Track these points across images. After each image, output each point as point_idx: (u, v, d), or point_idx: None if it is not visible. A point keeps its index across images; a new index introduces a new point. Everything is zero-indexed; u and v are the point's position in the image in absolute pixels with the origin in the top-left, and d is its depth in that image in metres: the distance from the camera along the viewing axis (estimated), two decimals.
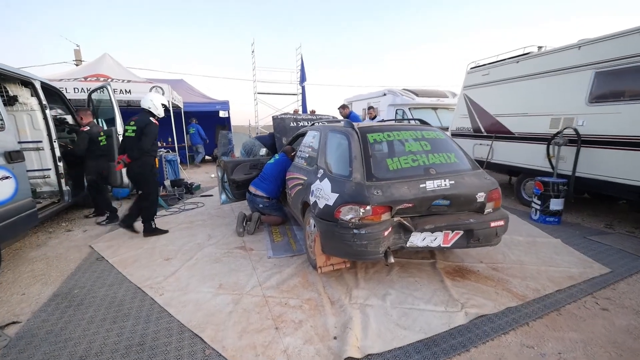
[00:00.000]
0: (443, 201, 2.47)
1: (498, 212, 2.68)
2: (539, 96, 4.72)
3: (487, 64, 5.84)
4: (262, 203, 3.97)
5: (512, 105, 5.18)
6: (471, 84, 6.18)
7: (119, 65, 8.19)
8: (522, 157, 4.99)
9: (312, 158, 3.30)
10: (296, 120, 5.46)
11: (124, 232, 4.07)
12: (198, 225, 4.33)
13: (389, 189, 2.37)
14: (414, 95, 8.94)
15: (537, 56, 4.77)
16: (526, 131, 4.91)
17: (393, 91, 9.19)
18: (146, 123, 3.64)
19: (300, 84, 12.94)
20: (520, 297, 2.45)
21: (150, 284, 2.73)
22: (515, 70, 5.15)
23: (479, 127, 5.92)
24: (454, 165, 2.68)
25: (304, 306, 2.36)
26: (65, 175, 4.30)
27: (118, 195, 5.80)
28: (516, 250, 3.32)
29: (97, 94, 5.25)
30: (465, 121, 6.27)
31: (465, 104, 6.26)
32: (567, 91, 4.31)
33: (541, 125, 4.62)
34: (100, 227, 4.33)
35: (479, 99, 5.95)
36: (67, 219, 4.74)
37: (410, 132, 2.85)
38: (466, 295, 2.46)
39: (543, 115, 4.61)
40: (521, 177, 5.20)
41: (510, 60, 5.27)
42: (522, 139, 5.00)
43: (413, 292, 2.54)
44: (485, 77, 5.81)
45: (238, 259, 3.21)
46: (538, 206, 4.25)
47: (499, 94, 5.48)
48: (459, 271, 2.87)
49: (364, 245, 2.32)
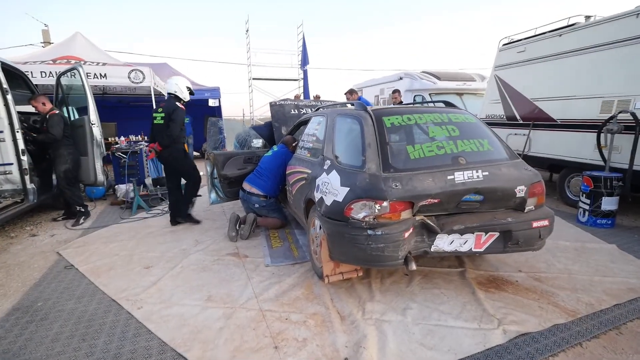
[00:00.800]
0: (475, 196, 2.39)
1: (541, 210, 2.59)
2: (587, 75, 4.60)
3: (523, 39, 5.73)
4: (258, 202, 3.91)
5: (554, 87, 5.07)
6: (504, 63, 6.07)
7: (93, 47, 8.23)
8: (567, 149, 4.87)
9: (316, 148, 3.23)
10: (297, 107, 5.41)
11: (98, 237, 4.06)
12: (184, 229, 4.30)
13: (409, 181, 2.29)
14: (435, 78, 8.84)
15: (585, 27, 4.65)
16: (571, 117, 4.79)
17: (411, 74, 9.10)
18: (173, 109, 4.03)
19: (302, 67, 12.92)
20: (570, 312, 2.36)
21: (127, 295, 2.69)
22: (557, 46, 5.04)
23: (514, 114, 5.81)
24: (487, 153, 2.60)
25: (309, 322, 2.30)
26: (30, 171, 4.30)
27: (92, 195, 5.80)
28: (562, 257, 3.23)
29: (67, 79, 5.26)
30: (496, 107, 6.17)
31: (497, 87, 6.15)
32: (622, 68, 4.19)
33: (590, 110, 4.50)
34: (70, 232, 4.32)
35: (514, 80, 5.84)
36: (32, 222, 4.74)
37: (434, 115, 2.77)
38: (503, 310, 2.38)
39: (592, 98, 4.49)
40: (565, 172, 5.08)
41: (552, 33, 5.16)
42: (566, 126, 4.88)
43: (439, 305, 2.46)
44: (520, 55, 5.71)
45: (230, 267, 3.16)
46: (587, 206, 4.13)
47: (538, 74, 5.36)
48: (493, 281, 2.79)
49: (380, 249, 2.25)
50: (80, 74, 4.82)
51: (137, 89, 9.03)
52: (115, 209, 5.37)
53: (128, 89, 9.02)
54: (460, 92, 8.74)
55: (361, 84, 11.80)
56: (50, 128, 4.35)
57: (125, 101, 10.72)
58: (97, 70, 6.64)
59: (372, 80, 11.14)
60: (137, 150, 6.13)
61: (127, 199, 5.34)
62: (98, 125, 4.87)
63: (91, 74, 6.45)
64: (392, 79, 9.84)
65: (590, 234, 3.82)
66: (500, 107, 6.07)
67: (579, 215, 4.27)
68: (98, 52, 8.16)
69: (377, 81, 10.67)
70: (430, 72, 9.13)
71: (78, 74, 4.87)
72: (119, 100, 10.49)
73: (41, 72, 6.27)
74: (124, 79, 6.84)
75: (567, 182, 5.06)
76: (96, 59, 7.42)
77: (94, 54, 7.84)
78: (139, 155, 6.15)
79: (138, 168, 6.13)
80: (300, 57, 12.95)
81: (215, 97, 10.47)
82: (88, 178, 4.91)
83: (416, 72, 9.20)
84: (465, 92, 8.75)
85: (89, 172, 4.86)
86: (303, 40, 12.73)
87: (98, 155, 4.90)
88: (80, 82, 4.88)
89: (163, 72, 10.63)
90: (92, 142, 4.81)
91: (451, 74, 9.43)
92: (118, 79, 6.85)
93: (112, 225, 4.50)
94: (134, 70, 6.91)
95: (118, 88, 9.01)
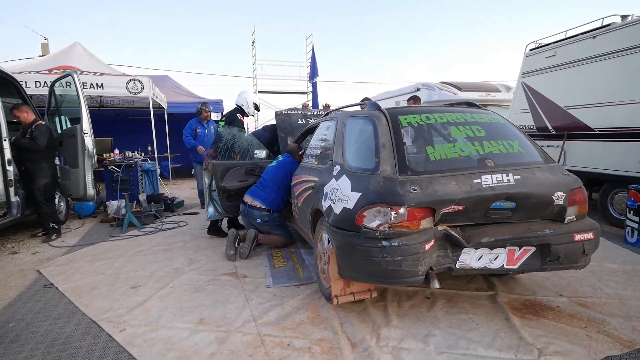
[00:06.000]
0: (506, 203, 2.26)
1: (584, 221, 2.44)
2: (628, 78, 4.52)
3: (552, 43, 5.71)
4: (260, 217, 3.84)
5: (590, 92, 4.98)
6: (532, 69, 6.04)
7: (92, 57, 8.56)
8: (608, 161, 4.72)
9: (325, 154, 3.18)
10: (305, 116, 5.41)
11: (83, 255, 4.02)
12: (177, 247, 4.24)
13: (430, 185, 2.20)
14: (456, 89, 8.84)
15: (623, 27, 4.61)
16: (612, 125, 4.67)
17: (429, 85, 9.14)
18: (232, 119, 4.96)
19: (310, 80, 13.13)
20: (625, 343, 2.18)
21: (109, 316, 2.61)
22: (591, 48, 4.99)
23: (545, 124, 5.71)
24: (518, 156, 2.50)
25: (314, 348, 2.17)
26: (15, 183, 4.34)
27: (81, 212, 5.82)
28: (610, 281, 3.04)
29: (62, 88, 5.40)
30: (525, 117, 6.08)
31: (525, 96, 6.09)
32: None
33: (634, 117, 4.38)
34: (54, 249, 4.29)
35: (543, 87, 5.78)
36: (14, 239, 4.74)
37: (456, 115, 2.70)
38: (544, 339, 2.21)
39: (635, 103, 4.38)
40: (607, 187, 4.89)
41: (585, 35, 5.13)
42: (606, 136, 4.75)
43: (466, 332, 2.30)
44: (550, 60, 5.67)
45: (227, 287, 3.07)
46: (635, 224, 3.94)
47: (571, 80, 5.30)
48: (530, 307, 2.62)
49: (397, 263, 2.12)
50: (74, 81, 4.93)
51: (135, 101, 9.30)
52: (105, 226, 5.35)
53: (126, 101, 9.31)
54: (484, 103, 8.69)
55: (375, 97, 11.88)
56: (36, 138, 4.43)
57: (122, 115, 11.00)
58: (94, 80, 6.85)
59: (387, 93, 11.23)
60: (132, 164, 6.17)
61: (118, 216, 5.32)
62: (91, 135, 4.93)
63: (87, 83, 6.64)
64: (408, 91, 9.87)
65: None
66: (530, 116, 5.98)
67: (627, 235, 4.07)
68: (97, 62, 8.47)
69: (393, 93, 10.74)
70: (450, 83, 9.15)
71: (72, 82, 4.98)
72: (116, 114, 10.77)
73: (35, 82, 6.49)
74: (121, 89, 7.02)
75: (610, 199, 4.87)
76: (94, 69, 7.69)
77: (92, 65, 8.14)
78: (134, 169, 6.19)
79: (132, 183, 6.15)
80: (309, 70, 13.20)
81: (218, 110, 10.65)
82: (77, 192, 4.92)
83: (435, 83, 9.24)
84: (490, 103, 8.69)
85: (79, 185, 4.88)
86: (312, 51, 13.01)
87: (89, 167, 4.94)
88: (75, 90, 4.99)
89: (164, 84, 10.94)
90: (84, 152, 4.85)
91: (473, 84, 9.43)
92: (115, 89, 7.04)
93: (99, 243, 4.46)
94: (132, 80, 7.10)
95: (115, 100, 9.29)
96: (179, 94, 10.88)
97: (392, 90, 10.98)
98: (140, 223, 5.20)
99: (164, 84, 10.96)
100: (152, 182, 7.03)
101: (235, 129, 4.66)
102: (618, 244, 4.04)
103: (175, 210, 6.35)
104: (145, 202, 5.98)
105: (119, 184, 5.81)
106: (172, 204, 6.40)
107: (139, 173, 6.43)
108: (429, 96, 8.99)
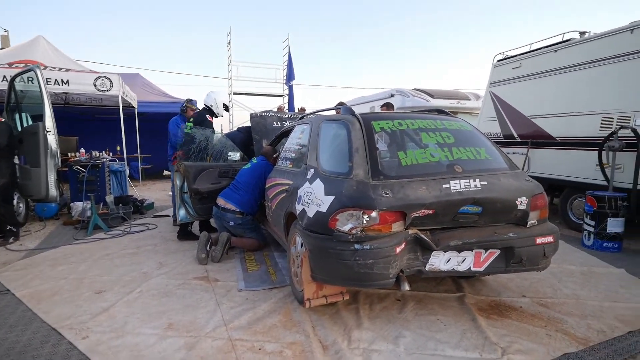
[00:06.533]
0: (473, 207, 2.36)
1: (545, 225, 2.57)
2: (585, 91, 4.80)
3: (518, 55, 6.00)
4: (233, 220, 3.79)
5: (552, 103, 5.26)
6: (499, 79, 6.31)
7: (57, 52, 8.19)
8: (568, 168, 4.98)
9: (299, 158, 3.20)
10: (280, 119, 5.42)
11: (44, 259, 3.84)
12: (146, 250, 4.12)
13: (401, 189, 2.26)
14: (428, 96, 9.11)
15: (581, 43, 4.90)
16: (571, 135, 4.94)
17: (402, 91, 9.36)
18: (201, 120, 4.62)
19: (287, 83, 13.11)
20: (581, 340, 2.30)
21: (71, 323, 2.50)
22: (553, 61, 5.27)
23: (511, 132, 5.97)
24: (485, 162, 2.60)
25: (286, 352, 2.17)
26: None
27: (42, 213, 5.53)
28: (569, 282, 3.21)
29: (22, 83, 5.13)
30: (492, 125, 6.33)
31: (493, 104, 6.35)
32: (620, 84, 4.39)
33: (590, 127, 4.66)
34: (11, 253, 4.06)
35: (510, 97, 6.05)
36: None
37: (427, 122, 2.79)
38: (507, 338, 2.31)
39: (591, 114, 4.66)
40: (567, 193, 5.17)
41: (547, 49, 5.42)
42: (566, 144, 5.02)
43: (435, 333, 2.37)
44: (516, 71, 5.95)
45: (197, 291, 3.02)
46: (591, 228, 4.17)
47: (535, 90, 5.57)
48: (495, 307, 2.73)
49: (369, 266, 2.17)
50: (37, 76, 4.70)
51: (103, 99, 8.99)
52: (69, 229, 5.12)
53: (94, 99, 8.97)
54: (455, 110, 8.98)
55: (350, 101, 12.02)
56: None
57: (89, 113, 10.57)
58: (59, 76, 6.56)
59: (362, 98, 11.39)
60: (99, 164, 5.94)
61: (83, 218, 5.10)
62: (54, 133, 4.71)
63: (52, 79, 6.36)
64: (383, 96, 10.07)
65: (597, 258, 3.83)
66: (497, 124, 6.24)
67: (584, 239, 4.30)
68: (62, 58, 8.10)
69: (367, 99, 10.91)
70: (423, 90, 9.41)
71: (35, 77, 4.75)
72: (81, 112, 10.34)
73: None
74: (88, 87, 6.77)
75: (569, 204, 5.14)
76: (60, 65, 7.35)
77: (57, 60, 7.78)
78: (101, 169, 5.96)
79: (99, 184, 5.92)
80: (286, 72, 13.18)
81: None
82: (38, 192, 4.67)
83: (408, 89, 9.47)
84: (460, 111, 9.00)
85: (40, 186, 4.64)
86: (289, 54, 12.99)
87: (52, 167, 4.71)
88: (37, 86, 4.76)
89: (135, 82, 10.63)
90: (46, 151, 4.62)
91: (445, 92, 9.74)
92: (82, 86, 6.77)
93: (62, 247, 4.27)
94: (100, 78, 6.86)
95: (82, 98, 8.93)
96: (151, 93, 10.60)
97: (367, 95, 11.16)
98: (107, 226, 5.01)
99: (135, 82, 10.64)
100: (121, 183, 6.79)
101: (208, 130, 4.58)
102: (576, 246, 4.27)
103: (144, 213, 6.16)
104: (113, 204, 5.76)
105: (84, 184, 5.56)
106: (141, 206, 6.21)
107: (106, 174, 6.19)
108: (403, 102, 9.21)
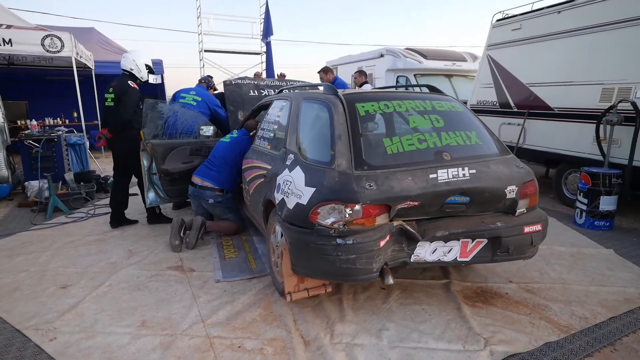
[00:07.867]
0: (460, 198, 2.45)
1: (534, 213, 2.70)
2: (587, 58, 4.85)
3: (519, 15, 5.94)
4: (213, 197, 3.82)
5: (552, 70, 5.30)
6: (497, 42, 6.28)
7: None
8: (564, 141, 5.12)
9: (278, 139, 3.20)
10: (258, 87, 5.33)
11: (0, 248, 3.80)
12: (114, 236, 4.15)
13: (386, 180, 2.32)
14: (421, 57, 9.01)
15: (586, 4, 4.88)
16: (569, 106, 5.03)
17: (393, 51, 9.22)
18: (125, 89, 4.11)
19: (264, 39, 12.70)
20: (563, 328, 2.49)
21: (37, 323, 2.55)
22: (555, 24, 5.26)
23: (508, 101, 6.03)
24: (475, 148, 2.67)
25: (266, 349, 2.28)
26: None
27: None
28: (557, 265, 3.40)
29: None
30: (489, 92, 6.38)
31: (490, 69, 6.36)
32: (622, 52, 4.44)
33: (589, 98, 4.75)
34: None
35: (508, 62, 6.06)
36: None
37: (416, 102, 2.82)
38: (491, 328, 2.47)
39: (592, 84, 4.74)
40: (562, 167, 5.35)
41: (550, 9, 5.38)
42: (564, 116, 5.13)
43: (419, 324, 2.52)
44: (515, 33, 5.92)
45: (171, 284, 3.09)
46: (584, 206, 4.38)
47: (534, 56, 5.59)
48: (481, 294, 2.90)
49: (352, 261, 2.26)
50: None
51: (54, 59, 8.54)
52: (25, 212, 5.06)
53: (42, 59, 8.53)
54: (450, 73, 8.97)
55: (336, 60, 11.81)
56: None
57: (38, 75, 10.10)
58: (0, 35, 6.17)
59: (348, 57, 11.17)
60: (54, 138, 5.78)
61: (41, 200, 5.03)
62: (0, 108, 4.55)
63: None
64: (371, 56, 9.92)
65: (587, 238, 4.04)
66: (493, 92, 6.28)
67: (576, 217, 4.52)
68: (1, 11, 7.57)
69: (355, 58, 10.71)
70: (416, 50, 9.29)
71: None
72: (28, 73, 9.88)
73: None
74: (36, 47, 6.42)
75: (564, 179, 5.33)
76: None
77: None
78: (57, 144, 5.80)
79: (55, 160, 5.79)
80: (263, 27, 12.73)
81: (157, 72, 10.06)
82: None
83: (400, 49, 9.33)
84: (455, 73, 8.99)
85: None
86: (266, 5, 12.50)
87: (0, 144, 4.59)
88: None
89: (90, 38, 10.13)
90: None
91: (439, 52, 9.64)
92: (28, 47, 6.41)
93: (19, 233, 4.24)
94: (49, 36, 6.50)
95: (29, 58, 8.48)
96: (109, 51, 10.14)
97: (355, 54, 10.94)
98: (68, 208, 4.97)
99: (90, 38, 10.13)
100: (81, 157, 6.66)
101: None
102: (568, 224, 4.49)
103: (109, 191, 6.08)
104: (73, 182, 5.69)
105: (39, 162, 5.44)
106: (105, 183, 6.14)
107: (63, 148, 6.05)
108: (394, 63, 9.12)
